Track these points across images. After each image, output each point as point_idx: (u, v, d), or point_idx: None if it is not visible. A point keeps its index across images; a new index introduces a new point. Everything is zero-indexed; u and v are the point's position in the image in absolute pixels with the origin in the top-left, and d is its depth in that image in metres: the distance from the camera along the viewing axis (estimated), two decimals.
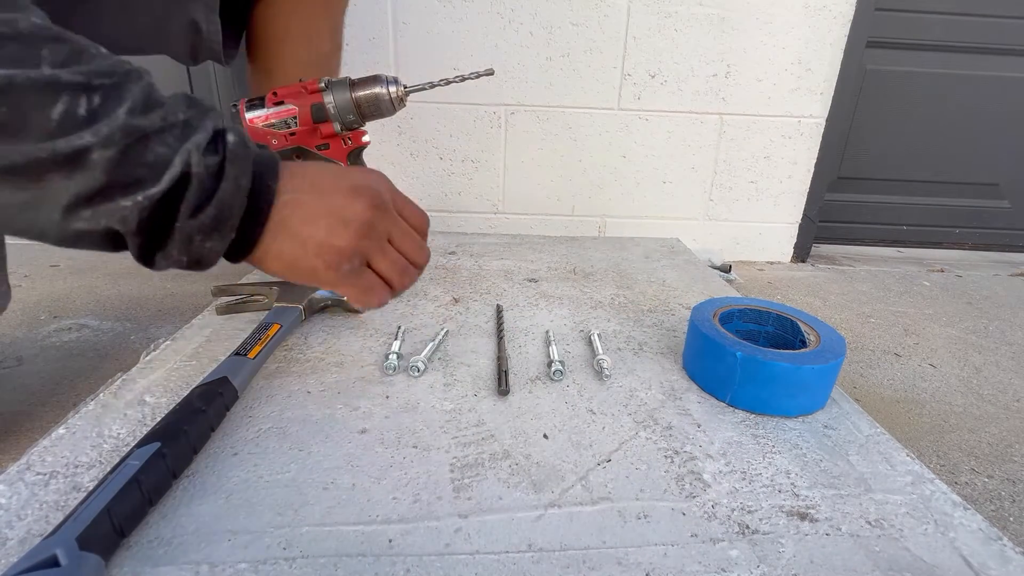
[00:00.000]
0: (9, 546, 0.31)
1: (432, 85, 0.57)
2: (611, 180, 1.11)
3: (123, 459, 0.34)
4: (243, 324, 0.60)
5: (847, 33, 1.02)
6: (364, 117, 0.56)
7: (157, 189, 0.28)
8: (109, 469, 0.33)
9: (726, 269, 1.09)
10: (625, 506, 0.36)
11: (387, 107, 0.55)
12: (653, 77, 1.03)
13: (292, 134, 0.55)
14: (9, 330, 0.75)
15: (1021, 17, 1.14)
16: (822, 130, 1.08)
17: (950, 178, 1.26)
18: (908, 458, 0.42)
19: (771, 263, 1.19)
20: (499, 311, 0.65)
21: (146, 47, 0.56)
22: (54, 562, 0.26)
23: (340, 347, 0.56)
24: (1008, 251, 1.32)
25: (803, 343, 0.50)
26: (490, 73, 0.58)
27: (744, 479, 0.39)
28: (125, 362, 0.66)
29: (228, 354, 0.48)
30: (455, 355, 0.55)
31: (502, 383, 0.49)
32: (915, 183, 1.26)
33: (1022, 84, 1.18)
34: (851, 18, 1.01)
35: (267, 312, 0.58)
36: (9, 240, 0.54)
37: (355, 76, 0.55)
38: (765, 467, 0.40)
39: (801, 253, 1.19)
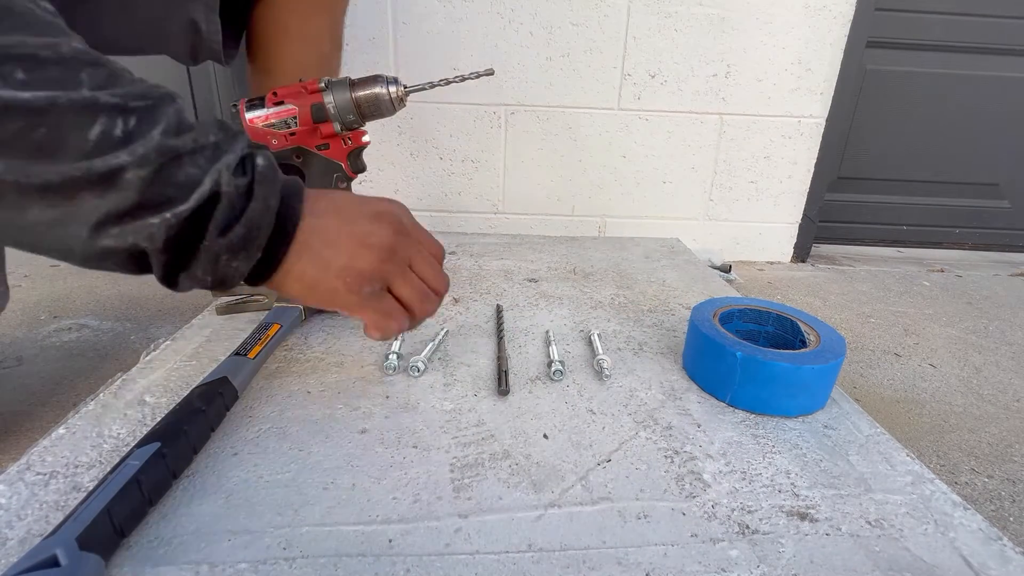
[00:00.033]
0: (9, 546, 0.31)
1: (432, 85, 0.57)
2: (611, 180, 1.11)
3: (123, 459, 0.34)
4: (243, 324, 0.60)
5: (847, 33, 1.02)
6: (364, 117, 0.56)
7: (186, 207, 0.29)
8: (109, 469, 0.33)
9: (726, 269, 1.09)
10: (625, 506, 0.36)
11: (387, 107, 0.55)
12: (653, 77, 1.03)
13: (292, 134, 0.55)
14: (9, 330, 0.75)
15: (1021, 17, 1.14)
16: (822, 130, 1.08)
17: (950, 178, 1.26)
18: (908, 458, 0.42)
19: (771, 263, 1.19)
20: (499, 311, 0.65)
21: (146, 47, 0.56)
22: (54, 562, 0.26)
23: (340, 347, 0.56)
24: (1008, 251, 1.32)
25: (803, 343, 0.50)
26: (490, 73, 0.58)
27: (744, 479, 0.39)
28: (125, 362, 0.66)
29: (228, 354, 0.48)
30: (455, 355, 0.55)
31: (502, 383, 0.49)
32: (915, 183, 1.26)
33: (1022, 84, 1.18)
34: (851, 18, 1.01)
35: (267, 312, 0.59)
36: None
37: (355, 76, 0.55)
38: (765, 467, 0.40)
39: (801, 253, 1.19)
